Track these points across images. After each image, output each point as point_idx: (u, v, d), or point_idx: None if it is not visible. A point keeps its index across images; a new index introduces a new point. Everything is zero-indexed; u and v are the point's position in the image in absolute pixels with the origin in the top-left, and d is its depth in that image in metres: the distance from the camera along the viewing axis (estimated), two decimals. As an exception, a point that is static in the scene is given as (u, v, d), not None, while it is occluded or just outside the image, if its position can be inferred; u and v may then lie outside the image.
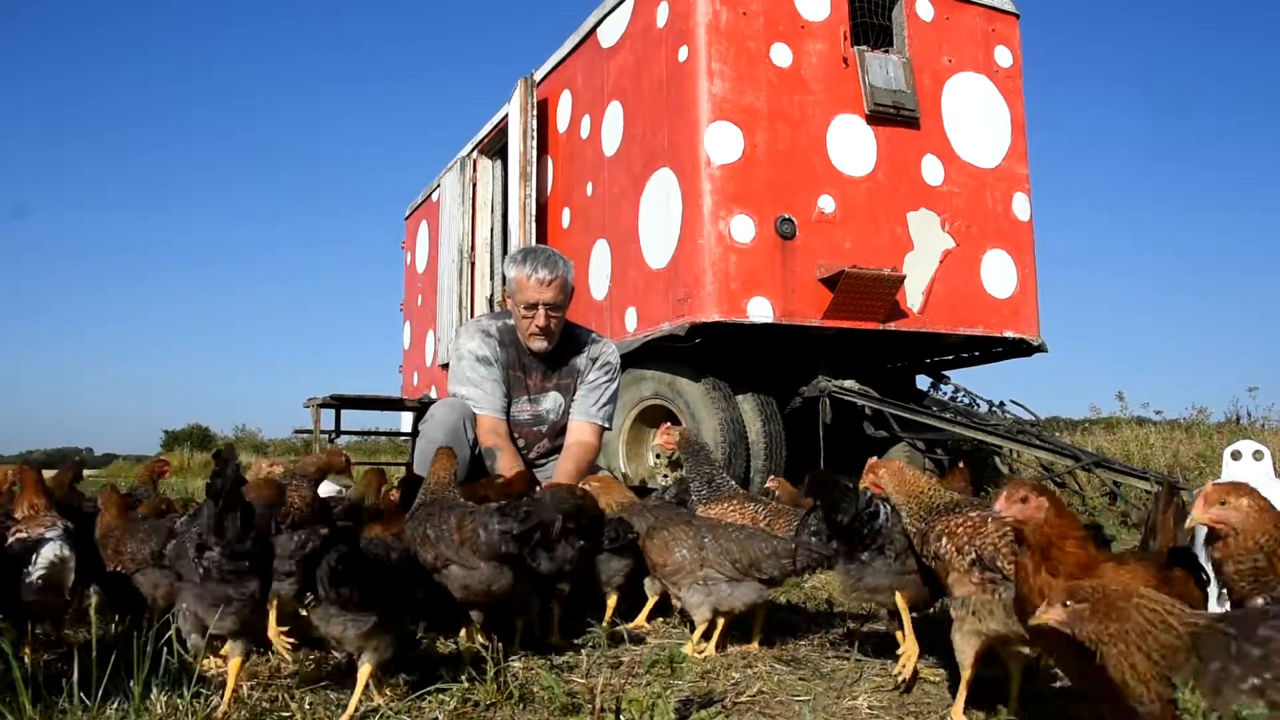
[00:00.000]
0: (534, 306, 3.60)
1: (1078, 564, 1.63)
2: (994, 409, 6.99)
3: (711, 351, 5.90)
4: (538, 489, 2.82)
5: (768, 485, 3.15)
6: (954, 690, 2.00)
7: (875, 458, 2.28)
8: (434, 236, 9.78)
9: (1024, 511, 1.67)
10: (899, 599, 2.19)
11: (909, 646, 2.16)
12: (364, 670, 1.91)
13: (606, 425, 3.86)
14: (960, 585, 1.94)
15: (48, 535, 2.03)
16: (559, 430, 3.85)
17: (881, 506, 2.24)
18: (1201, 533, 2.28)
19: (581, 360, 3.84)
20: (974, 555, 1.92)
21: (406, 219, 11.23)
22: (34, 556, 1.98)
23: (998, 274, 6.28)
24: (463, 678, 2.06)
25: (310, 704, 1.98)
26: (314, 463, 2.76)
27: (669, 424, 3.13)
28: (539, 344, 3.69)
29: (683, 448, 3.07)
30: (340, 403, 8.79)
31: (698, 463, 3.06)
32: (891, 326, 5.85)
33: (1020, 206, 6.42)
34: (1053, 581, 1.60)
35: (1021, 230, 6.42)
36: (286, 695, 2.02)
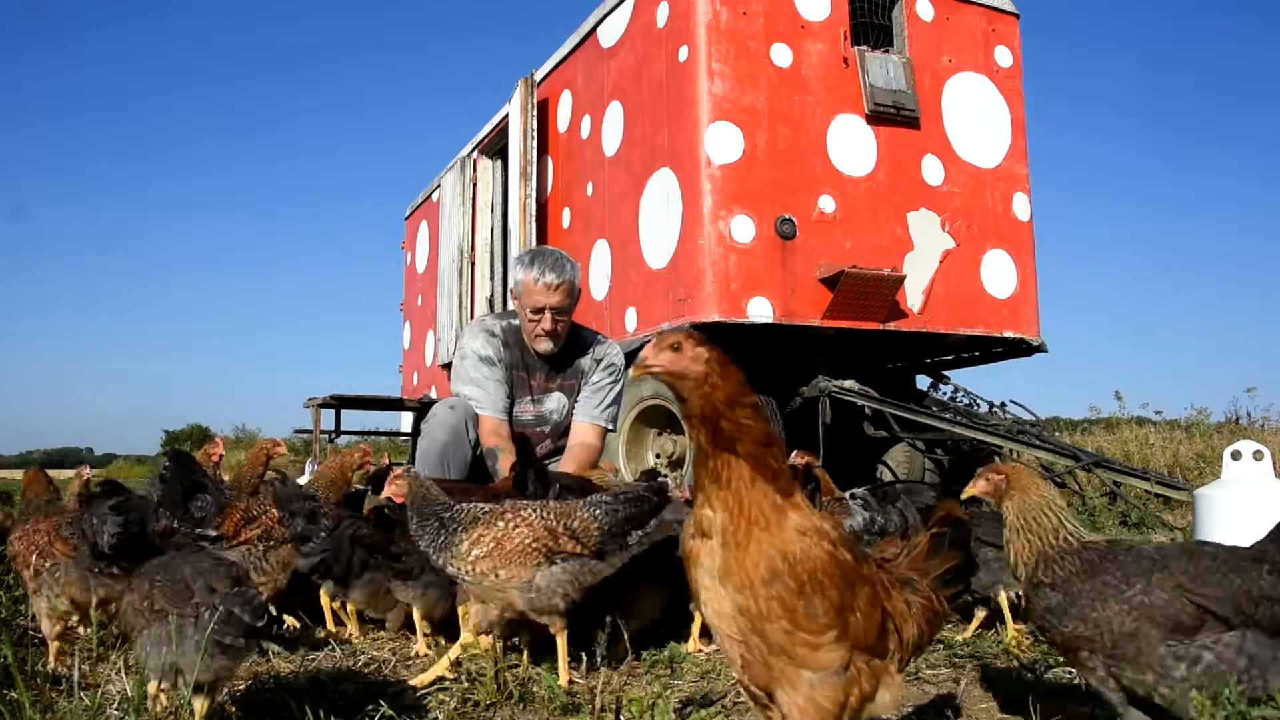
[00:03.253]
0: (540, 310, 3.58)
1: (757, 442, 1.25)
2: (994, 409, 6.99)
3: (711, 351, 5.89)
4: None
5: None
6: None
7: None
8: (434, 237, 9.77)
9: (676, 362, 1.25)
10: None
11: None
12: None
13: (610, 427, 3.85)
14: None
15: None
16: (562, 431, 3.85)
17: None
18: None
19: (586, 361, 3.83)
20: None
21: (406, 219, 11.23)
22: None
23: (998, 274, 6.28)
24: (462, 678, 2.06)
25: (310, 704, 1.99)
26: None
27: (400, 471, 2.38)
28: (544, 346, 3.68)
29: (410, 498, 2.29)
30: (340, 403, 8.80)
31: (423, 514, 2.25)
32: (892, 326, 5.84)
33: (1020, 206, 6.42)
34: (732, 462, 1.23)
35: (1021, 230, 6.42)
36: (287, 695, 2.02)
